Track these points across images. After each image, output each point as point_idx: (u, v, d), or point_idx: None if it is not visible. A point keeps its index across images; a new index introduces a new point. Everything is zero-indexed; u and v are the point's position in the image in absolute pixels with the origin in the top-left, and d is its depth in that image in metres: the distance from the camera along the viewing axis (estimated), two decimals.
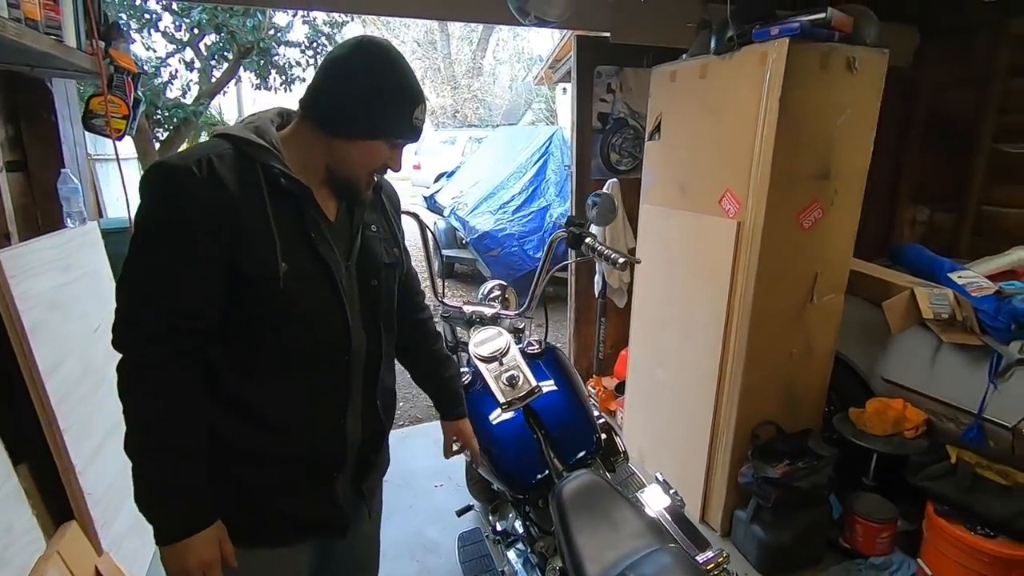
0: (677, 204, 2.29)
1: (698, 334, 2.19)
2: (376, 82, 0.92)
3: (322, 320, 0.97)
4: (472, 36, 15.44)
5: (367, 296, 1.05)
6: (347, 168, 0.97)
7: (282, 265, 0.89)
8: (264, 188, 0.89)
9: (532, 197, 5.24)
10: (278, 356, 0.95)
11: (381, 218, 1.12)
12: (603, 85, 3.08)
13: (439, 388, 1.42)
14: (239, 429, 0.95)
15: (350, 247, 1.03)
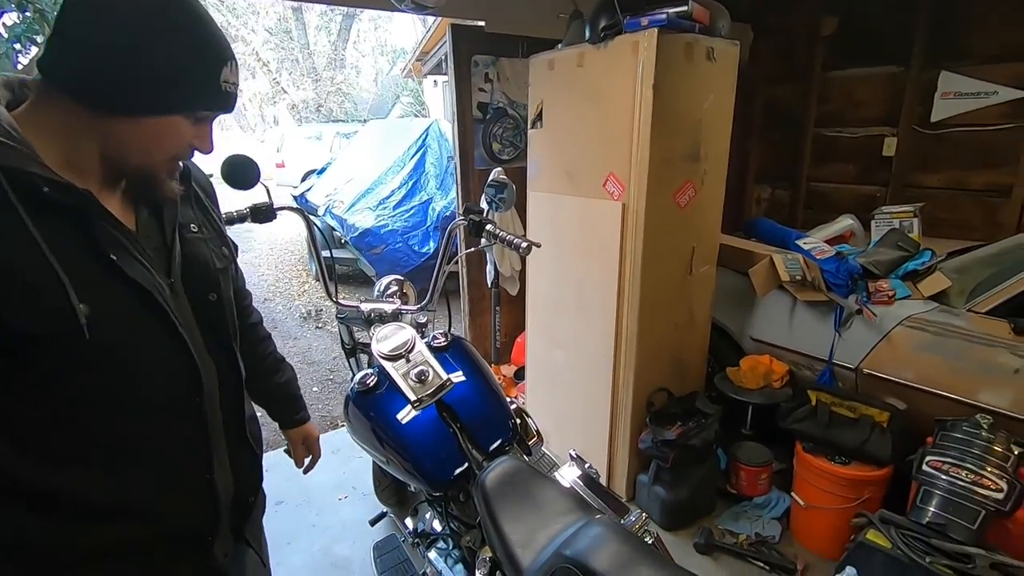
0: (565, 190, 2.36)
1: (592, 314, 2.28)
2: (166, 34, 0.66)
3: (158, 365, 0.75)
4: (331, 26, 14.68)
5: (205, 315, 0.84)
6: (136, 156, 0.72)
7: (80, 308, 0.65)
8: (19, 206, 0.62)
9: (412, 191, 5.12)
10: (102, 427, 0.72)
11: (199, 213, 0.89)
12: (480, 75, 3.08)
13: (276, 395, 1.27)
14: (60, 533, 0.71)
15: (168, 259, 0.80)
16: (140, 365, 0.73)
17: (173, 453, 0.79)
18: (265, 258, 7.30)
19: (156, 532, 0.78)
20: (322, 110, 14.50)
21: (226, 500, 0.87)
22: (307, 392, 3.58)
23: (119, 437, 0.73)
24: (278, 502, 2.44)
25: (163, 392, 0.76)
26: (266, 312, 5.17)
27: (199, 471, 0.82)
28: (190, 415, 0.80)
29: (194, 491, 0.82)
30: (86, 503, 0.72)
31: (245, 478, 0.93)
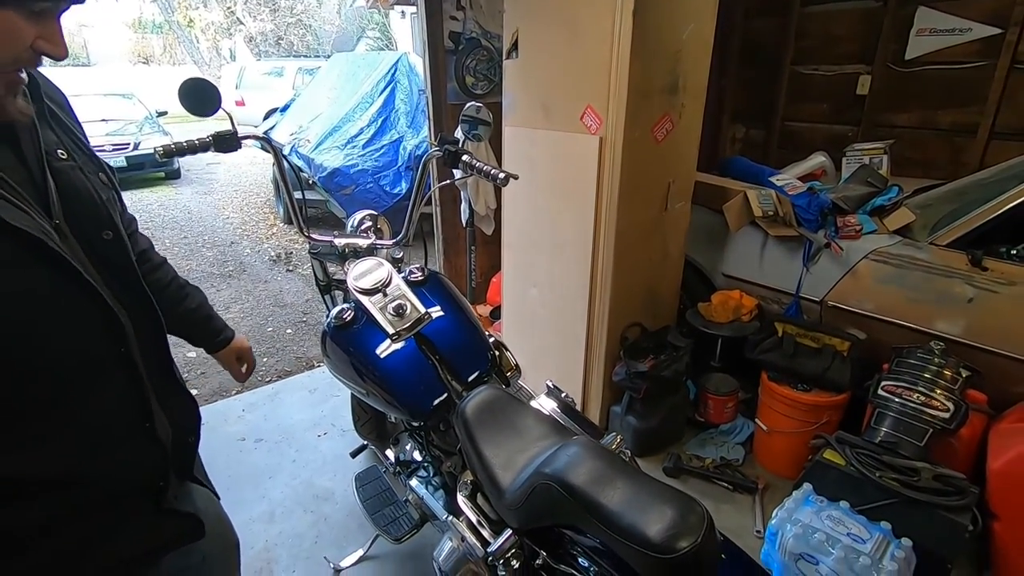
0: (541, 124, 2.30)
1: (568, 251, 2.28)
2: None
3: (69, 319, 0.68)
4: None
5: (103, 256, 0.75)
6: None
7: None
8: None
9: (383, 129, 4.94)
10: (25, 397, 0.65)
11: (63, 135, 0.77)
12: (452, 2, 2.92)
13: (189, 321, 1.17)
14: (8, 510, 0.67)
15: (45, 197, 0.69)
16: (47, 325, 0.66)
17: (107, 410, 0.74)
18: (229, 200, 7.06)
19: (105, 493, 0.75)
20: (282, 43, 13.68)
21: (168, 444, 0.83)
22: (281, 334, 3.56)
23: (38, 405, 0.67)
24: (258, 440, 2.46)
25: (80, 348, 0.70)
26: (234, 255, 5.05)
27: (138, 421, 0.78)
28: (117, 366, 0.74)
29: (136, 443, 0.78)
30: (16, 481, 0.67)
31: (182, 419, 0.89)
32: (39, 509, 0.70)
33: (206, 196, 7.31)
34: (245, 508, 2.07)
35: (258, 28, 13.84)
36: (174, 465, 0.86)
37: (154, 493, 0.82)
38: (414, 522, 1.70)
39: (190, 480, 0.96)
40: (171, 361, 0.89)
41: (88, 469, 0.73)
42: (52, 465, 0.70)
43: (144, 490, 0.81)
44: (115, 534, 0.78)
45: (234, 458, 2.34)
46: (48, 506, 0.70)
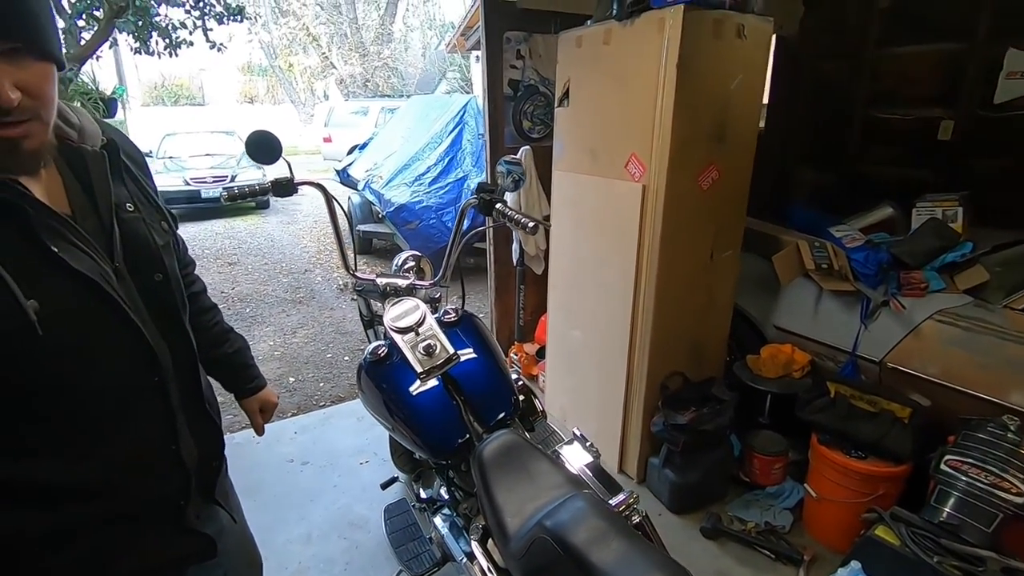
0: (587, 170, 2.34)
1: (610, 295, 2.28)
2: None
3: (114, 350, 0.77)
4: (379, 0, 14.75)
5: (152, 295, 0.84)
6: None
7: (30, 304, 0.65)
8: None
9: (449, 168, 5.16)
10: (66, 415, 0.74)
11: (134, 188, 0.87)
12: (512, 51, 3.06)
13: (225, 365, 1.24)
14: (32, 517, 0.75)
15: (110, 243, 0.78)
16: (95, 354, 0.75)
17: (139, 431, 0.82)
18: (308, 230, 7.55)
19: (130, 506, 0.82)
20: (369, 85, 14.67)
21: (192, 467, 0.90)
22: (339, 361, 3.73)
23: (80, 424, 0.76)
24: (304, 462, 2.58)
25: (121, 377, 0.79)
26: (306, 282, 5.38)
27: (166, 444, 0.86)
28: (152, 394, 0.83)
29: (163, 463, 0.86)
30: (48, 488, 0.75)
31: (207, 445, 0.96)
32: (70, 515, 0.78)
33: (288, 226, 7.87)
34: (285, 528, 2.17)
35: (348, 71, 14.95)
36: (197, 486, 0.94)
37: (175, 510, 0.89)
38: (435, 560, 1.71)
39: (212, 502, 1.03)
40: (201, 392, 0.97)
41: (117, 483, 0.81)
42: (86, 476, 0.78)
43: (166, 507, 0.89)
44: (136, 546, 0.86)
45: (281, 478, 2.47)
46: (78, 514, 0.78)
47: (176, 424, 0.87)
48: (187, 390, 0.92)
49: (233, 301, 4.86)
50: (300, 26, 14.31)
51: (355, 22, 14.47)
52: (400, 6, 15.51)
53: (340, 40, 14.98)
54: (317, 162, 12.59)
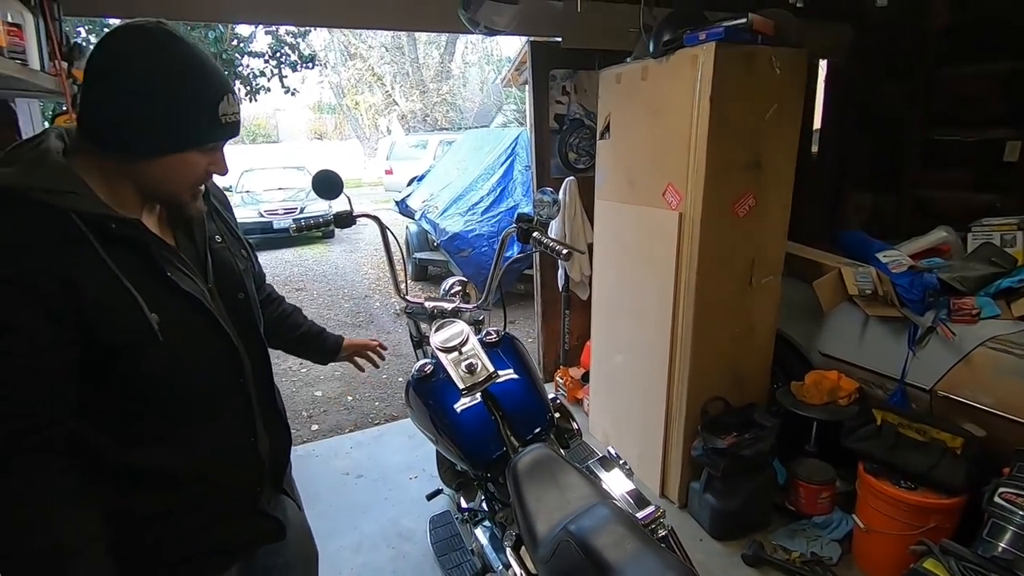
0: (627, 198, 2.43)
1: (650, 320, 2.33)
2: (165, 84, 0.79)
3: (211, 355, 0.93)
4: (439, 40, 15.52)
5: (236, 311, 1.01)
6: (163, 189, 0.87)
7: (153, 317, 0.81)
8: (94, 241, 0.78)
9: (500, 198, 5.36)
10: (175, 410, 0.90)
11: (220, 224, 1.06)
12: (558, 87, 3.22)
13: (305, 336, 1.42)
14: (145, 498, 0.89)
15: (204, 269, 0.97)
16: (197, 358, 0.91)
17: (226, 426, 0.97)
18: (369, 258, 7.94)
19: (216, 490, 0.97)
20: (428, 119, 15.35)
21: (266, 459, 1.05)
22: (393, 382, 3.92)
23: (182, 418, 0.91)
24: (358, 475, 2.74)
25: (215, 377, 0.95)
26: (365, 307, 5.67)
27: (246, 437, 1.01)
28: (237, 394, 0.98)
29: (243, 454, 1.01)
30: (159, 472, 0.90)
31: (278, 441, 1.10)
32: (170, 497, 0.93)
33: (351, 254, 8.31)
34: (338, 536, 2.32)
35: (409, 107, 15.75)
36: (269, 476, 1.09)
37: (252, 496, 1.04)
38: (476, 570, 1.80)
39: (281, 491, 1.17)
40: (274, 394, 1.12)
41: (208, 470, 0.96)
42: (184, 464, 0.93)
43: (245, 493, 1.03)
44: (220, 525, 1.00)
45: (337, 490, 2.63)
46: (176, 496, 0.94)
47: (255, 421, 1.03)
48: (263, 392, 1.07)
49: None
50: (366, 67, 15.27)
51: (416, 61, 15.29)
52: (459, 44, 16.26)
53: (402, 79, 15.83)
54: (379, 193, 13.23)
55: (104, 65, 0.80)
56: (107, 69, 0.80)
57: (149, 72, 0.79)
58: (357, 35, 15.22)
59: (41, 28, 1.60)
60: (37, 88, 1.62)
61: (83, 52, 1.94)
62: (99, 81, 0.80)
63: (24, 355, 0.75)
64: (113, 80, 0.79)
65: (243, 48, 5.15)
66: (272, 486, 1.11)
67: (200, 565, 0.99)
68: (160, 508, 0.92)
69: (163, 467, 0.91)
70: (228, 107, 0.86)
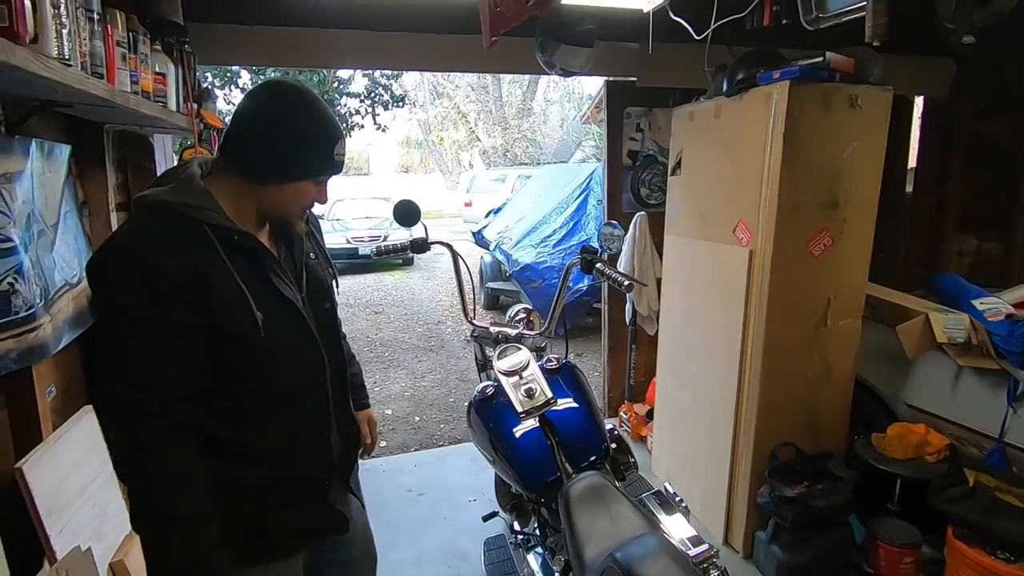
0: (697, 234, 2.42)
1: (717, 358, 2.28)
2: (296, 128, 0.97)
3: (301, 354, 1.06)
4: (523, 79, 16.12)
5: (322, 319, 1.14)
6: (280, 210, 1.04)
7: (258, 315, 0.95)
8: (219, 247, 0.94)
9: (573, 231, 5.44)
10: (266, 397, 1.03)
11: (314, 244, 1.21)
12: (632, 124, 3.28)
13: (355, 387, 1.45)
14: (235, 472, 1.02)
15: (299, 280, 1.12)
16: (290, 355, 1.05)
17: (307, 418, 1.09)
18: (445, 285, 8.23)
19: (292, 475, 1.08)
20: (508, 154, 15.85)
21: (337, 455, 1.17)
22: (460, 406, 4.02)
23: (276, 407, 1.05)
24: (421, 493, 2.82)
25: (303, 374, 1.08)
26: (438, 333, 5.87)
27: (322, 431, 1.12)
28: (318, 391, 1.11)
29: (318, 446, 1.12)
30: (255, 453, 1.03)
31: (349, 440, 1.23)
32: (258, 474, 1.05)
33: (428, 281, 8.66)
34: (399, 549, 2.40)
35: (490, 143, 16.36)
36: (339, 471, 1.20)
37: (321, 488, 1.15)
38: None
39: (347, 488, 1.27)
40: (348, 396, 1.25)
41: (287, 454, 1.08)
42: (270, 446, 1.06)
43: (315, 483, 1.14)
44: (293, 508, 1.11)
45: (399, 505, 2.73)
46: (262, 474, 1.05)
47: (330, 417, 1.14)
48: (339, 395, 1.19)
49: (375, 345, 5.46)
50: (452, 105, 16.11)
51: (499, 99, 15.92)
52: (541, 83, 16.79)
53: (485, 116, 16.53)
54: (458, 224, 13.72)
55: (254, 109, 1.01)
56: (256, 113, 1.00)
57: (286, 117, 0.98)
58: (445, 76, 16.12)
59: (179, 76, 1.88)
60: (172, 126, 1.89)
61: (210, 95, 2.24)
62: (249, 122, 1.00)
63: (173, 336, 0.90)
64: (260, 121, 0.99)
65: (342, 89, 5.66)
66: (340, 482, 1.22)
67: (272, 542, 1.10)
68: (245, 483, 1.04)
69: (252, 447, 1.04)
70: (341, 148, 1.05)
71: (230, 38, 2.34)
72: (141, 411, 0.90)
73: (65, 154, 1.74)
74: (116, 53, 1.43)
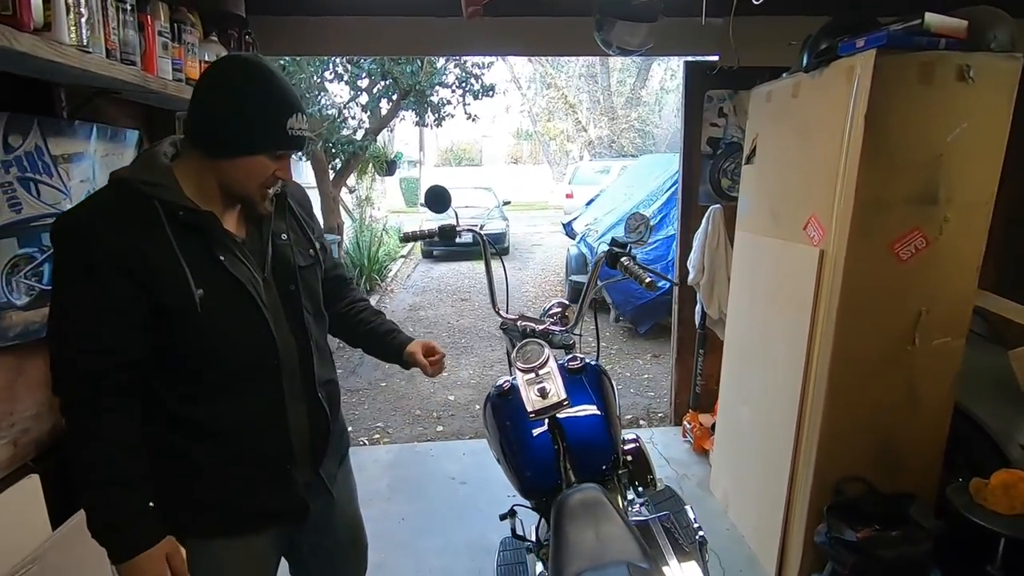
0: (767, 231, 2.15)
1: (778, 372, 2.01)
2: (242, 98, 0.95)
3: (245, 334, 1.03)
4: (632, 68, 15.54)
5: (289, 301, 1.12)
6: (237, 186, 1.02)
7: (197, 292, 0.95)
8: (166, 223, 0.94)
9: (660, 225, 5.12)
10: (212, 376, 1.02)
11: (293, 223, 1.17)
12: (714, 109, 2.99)
13: (378, 331, 1.43)
14: (187, 444, 1.03)
15: (263, 259, 1.09)
16: (235, 335, 1.03)
17: (259, 400, 1.08)
18: (534, 277, 8.21)
19: (245, 458, 1.08)
20: (615, 146, 15.42)
21: (298, 440, 1.13)
22: None
23: (224, 390, 1.05)
24: (463, 482, 2.82)
25: (251, 356, 1.05)
26: None
27: (276, 417, 1.10)
28: (271, 373, 1.07)
29: (273, 428, 1.10)
30: (207, 431, 1.04)
31: (316, 425, 1.18)
32: (212, 452, 1.06)
33: (518, 271, 8.68)
34: (428, 536, 2.41)
35: (596, 133, 15.99)
36: (302, 460, 1.17)
37: (282, 471, 1.13)
38: None
39: (317, 475, 1.23)
40: (314, 380, 1.18)
41: (239, 437, 1.07)
42: (221, 425, 1.05)
43: (274, 466, 1.12)
44: (248, 490, 1.11)
45: (440, 492, 2.74)
46: (217, 452, 1.06)
47: (284, 404, 1.11)
48: (301, 375, 1.15)
49: (454, 331, 5.57)
50: (559, 96, 15.94)
51: (607, 89, 15.48)
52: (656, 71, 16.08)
53: (592, 106, 16.18)
54: (559, 216, 13.63)
55: (205, 81, 1.02)
56: (206, 84, 1.01)
57: (235, 88, 0.98)
58: (555, 66, 16.00)
59: None
60: None
61: None
62: (200, 92, 1.01)
63: (108, 308, 0.93)
64: (208, 92, 1.00)
65: (434, 80, 5.79)
66: (307, 469, 1.19)
67: (230, 518, 1.11)
68: (199, 458, 1.06)
69: (203, 425, 1.05)
70: (296, 123, 1.00)
71: (295, 29, 2.45)
72: (74, 373, 0.94)
73: (133, 139, 1.93)
74: (156, 42, 1.53)
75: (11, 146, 1.39)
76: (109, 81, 1.35)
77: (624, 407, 3.80)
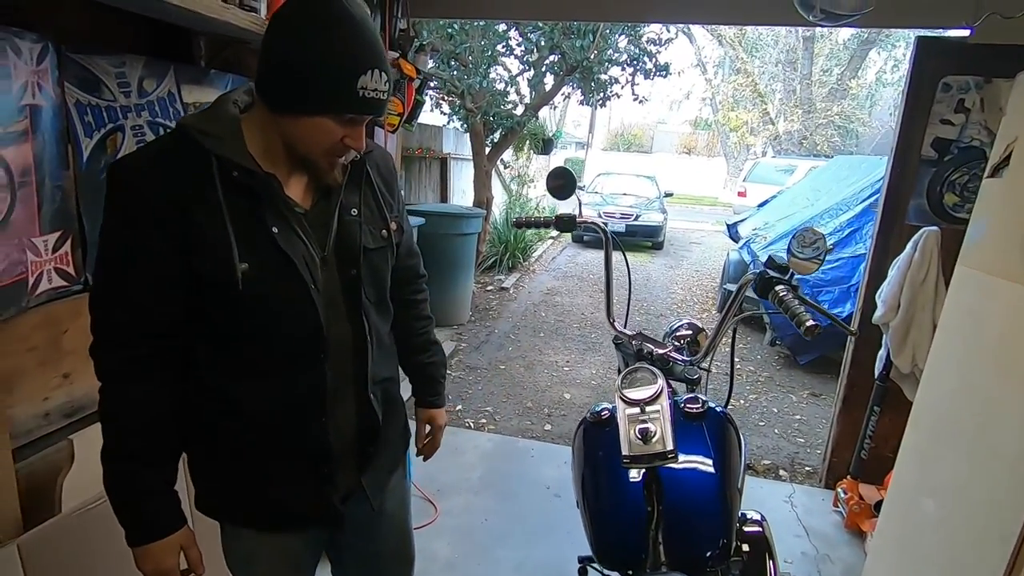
0: (1007, 272, 1.54)
1: (995, 466, 1.44)
2: (304, 44, 0.81)
3: (291, 318, 0.92)
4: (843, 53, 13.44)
5: (348, 286, 0.98)
6: (299, 147, 0.88)
7: (241, 266, 0.84)
8: (218, 182, 0.84)
9: (848, 240, 4.28)
10: (252, 356, 0.93)
11: (368, 197, 1.02)
12: (951, 101, 2.29)
13: (418, 372, 1.32)
14: (224, 422, 0.96)
15: (326, 236, 0.95)
16: (278, 319, 0.91)
17: (299, 389, 0.95)
18: (687, 278, 7.55)
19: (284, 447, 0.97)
20: (805, 143, 13.59)
21: (340, 441, 0.99)
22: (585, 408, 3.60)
23: (267, 367, 0.94)
24: (556, 494, 2.59)
25: (296, 342, 0.93)
26: (653, 326, 5.39)
27: (317, 410, 0.96)
28: (314, 363, 0.94)
29: (312, 425, 0.97)
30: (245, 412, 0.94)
31: (365, 429, 1.04)
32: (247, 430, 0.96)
33: (670, 270, 8.05)
34: (508, 546, 2.23)
35: (785, 128, 14.16)
36: (345, 464, 1.03)
37: (317, 473, 1.00)
38: None
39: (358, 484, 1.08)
40: (366, 378, 1.03)
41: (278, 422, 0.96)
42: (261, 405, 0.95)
43: (310, 466, 1.00)
44: (284, 488, 1.00)
45: (530, 500, 2.54)
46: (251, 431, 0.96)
47: (327, 397, 0.96)
48: (353, 370, 1.01)
49: (585, 324, 5.30)
50: (748, 83, 14.39)
51: (808, 78, 13.59)
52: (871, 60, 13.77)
53: (786, 96, 14.35)
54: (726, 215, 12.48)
55: (276, 27, 0.86)
56: (273, 22, 0.86)
57: (298, 31, 0.82)
58: (749, 49, 14.47)
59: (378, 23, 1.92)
60: None
61: (423, 49, 2.28)
62: (270, 41, 0.86)
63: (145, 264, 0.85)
64: (271, 32, 0.85)
65: (604, 56, 5.40)
66: (352, 476, 1.06)
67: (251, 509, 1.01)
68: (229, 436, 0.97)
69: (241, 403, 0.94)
70: (370, 82, 0.83)
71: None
72: (105, 333, 0.88)
73: None
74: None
75: (145, 90, 1.43)
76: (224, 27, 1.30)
77: (764, 449, 3.24)
